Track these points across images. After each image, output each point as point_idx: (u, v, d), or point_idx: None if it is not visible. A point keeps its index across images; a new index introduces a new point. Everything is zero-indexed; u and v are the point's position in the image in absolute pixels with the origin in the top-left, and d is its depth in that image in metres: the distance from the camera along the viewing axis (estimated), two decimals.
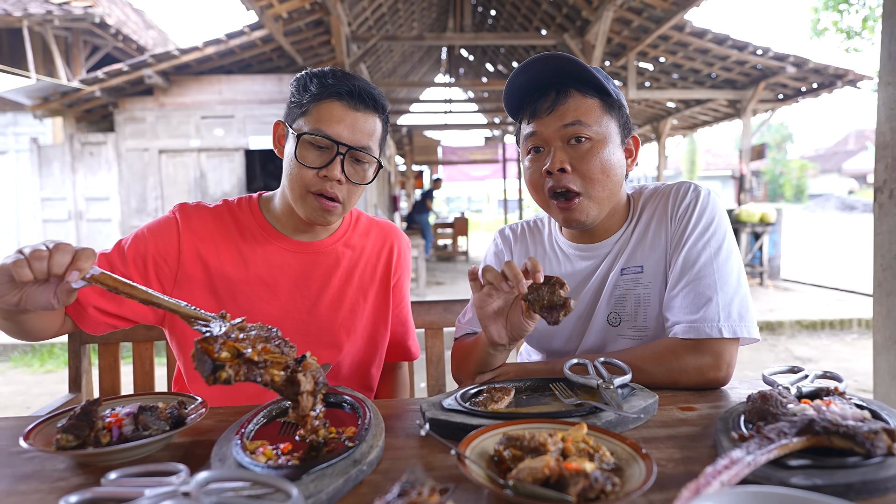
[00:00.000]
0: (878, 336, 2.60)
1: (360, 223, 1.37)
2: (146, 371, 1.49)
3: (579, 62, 1.11)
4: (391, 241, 1.39)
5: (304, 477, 0.69)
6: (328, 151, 1.14)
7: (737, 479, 0.61)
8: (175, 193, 7.39)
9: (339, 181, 1.14)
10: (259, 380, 0.72)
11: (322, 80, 1.15)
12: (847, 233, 18.00)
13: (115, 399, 0.93)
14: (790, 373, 1.02)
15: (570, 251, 1.30)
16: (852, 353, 5.07)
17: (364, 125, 1.15)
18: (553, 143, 1.14)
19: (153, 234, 1.19)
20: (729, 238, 1.16)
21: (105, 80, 6.85)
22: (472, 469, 0.68)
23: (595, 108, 1.14)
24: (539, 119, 1.15)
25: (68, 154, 7.38)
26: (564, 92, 1.14)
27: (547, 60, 1.12)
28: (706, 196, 1.18)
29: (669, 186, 1.24)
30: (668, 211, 1.20)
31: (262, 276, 1.23)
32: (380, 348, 1.38)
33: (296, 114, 1.17)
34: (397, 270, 1.39)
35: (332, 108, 1.13)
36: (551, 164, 1.13)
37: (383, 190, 12.88)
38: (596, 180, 1.13)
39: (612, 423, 0.87)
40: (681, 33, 7.57)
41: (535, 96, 1.16)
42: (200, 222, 1.22)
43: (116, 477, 0.69)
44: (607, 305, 1.23)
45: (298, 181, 1.14)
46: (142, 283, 1.16)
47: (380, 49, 9.48)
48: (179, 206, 1.25)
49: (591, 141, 1.13)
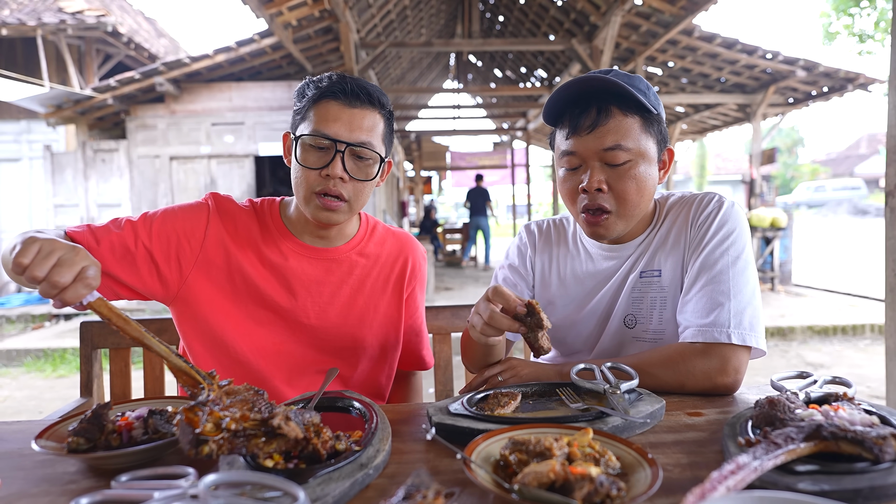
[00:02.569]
0: (891, 342, 2.56)
1: (376, 232, 1.37)
2: (156, 376, 1.51)
3: (632, 80, 1.13)
4: (406, 253, 1.38)
5: (310, 480, 0.69)
6: (328, 151, 1.14)
7: (743, 484, 0.61)
8: (186, 199, 7.44)
9: (341, 178, 1.14)
10: (244, 451, 0.70)
11: (318, 83, 1.17)
12: (860, 237, 17.80)
13: (125, 403, 0.95)
14: (799, 378, 1.01)
15: (593, 251, 1.31)
16: (865, 358, 5.00)
17: (362, 121, 1.16)
18: (591, 163, 1.14)
19: (184, 212, 1.22)
20: (748, 251, 1.16)
21: (117, 88, 6.93)
22: (477, 473, 0.68)
23: (635, 128, 1.13)
24: (578, 137, 1.14)
25: (81, 161, 7.47)
26: (606, 110, 1.12)
27: (591, 81, 1.12)
28: (729, 207, 1.19)
29: (694, 195, 1.26)
30: (690, 218, 1.22)
31: (278, 279, 1.24)
32: (390, 358, 1.37)
33: (297, 120, 1.19)
34: (411, 282, 1.39)
35: (327, 107, 1.14)
36: (588, 183, 1.14)
37: (392, 195, 12.93)
38: (630, 200, 1.15)
39: (618, 429, 0.87)
40: (689, 38, 7.55)
41: (576, 111, 1.15)
42: (229, 215, 1.25)
43: (126, 480, 0.70)
44: (625, 307, 1.25)
45: (303, 184, 1.16)
46: (162, 259, 1.17)
47: (388, 55, 9.54)
48: (212, 193, 1.28)
49: (629, 162, 1.13)
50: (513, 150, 16.96)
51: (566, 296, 1.33)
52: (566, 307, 1.33)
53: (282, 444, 0.72)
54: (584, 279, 1.32)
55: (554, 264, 1.37)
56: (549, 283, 1.36)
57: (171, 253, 1.19)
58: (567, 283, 1.34)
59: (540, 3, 8.35)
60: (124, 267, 1.15)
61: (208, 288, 1.21)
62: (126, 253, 1.15)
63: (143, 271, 1.17)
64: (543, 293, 1.37)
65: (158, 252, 1.18)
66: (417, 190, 19.61)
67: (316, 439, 0.75)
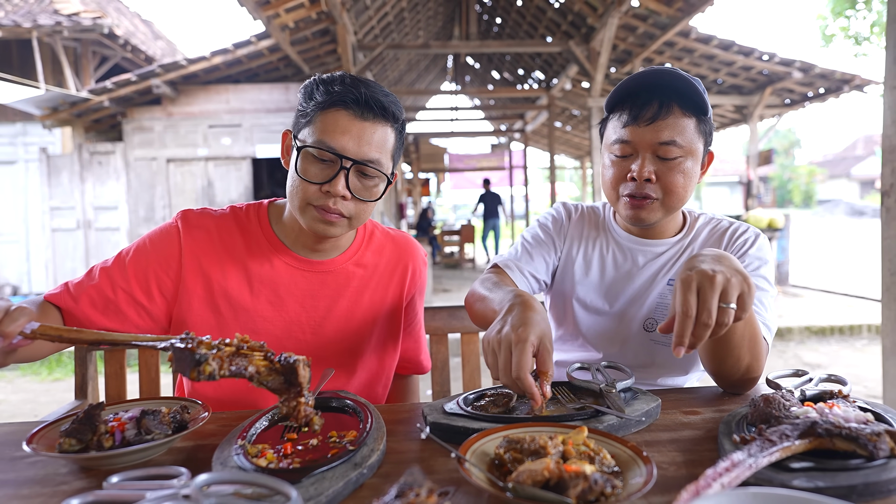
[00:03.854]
0: (887, 341, 2.57)
1: (373, 239, 1.29)
2: (151, 378, 1.49)
3: (692, 83, 1.14)
4: (406, 260, 1.31)
5: (304, 480, 0.69)
6: (332, 165, 1.05)
7: (737, 481, 0.61)
8: (183, 202, 7.44)
9: (343, 197, 1.06)
10: (245, 372, 0.71)
11: (328, 86, 1.06)
12: (856, 238, 17.84)
13: (118, 404, 0.94)
14: (794, 376, 1.01)
15: (624, 241, 1.33)
16: (862, 358, 5.01)
17: (372, 136, 1.07)
18: (644, 153, 1.17)
19: (154, 243, 1.15)
20: (773, 279, 1.22)
21: (113, 90, 6.92)
22: (472, 472, 0.68)
23: (690, 128, 1.16)
24: (637, 127, 1.16)
25: (77, 163, 7.46)
26: (667, 106, 1.15)
27: (662, 74, 1.16)
28: (764, 239, 1.27)
29: (730, 221, 1.33)
30: (725, 240, 1.27)
31: (267, 296, 1.17)
32: (387, 368, 1.34)
33: (301, 124, 1.10)
34: (411, 289, 1.33)
35: (336, 117, 1.05)
36: (639, 171, 1.16)
37: (390, 197, 12.91)
38: (675, 193, 1.17)
39: (614, 427, 0.86)
40: (686, 39, 7.57)
41: (639, 102, 1.17)
42: (203, 232, 1.16)
43: (118, 480, 0.69)
44: (648, 311, 1.28)
45: (301, 195, 1.07)
46: (144, 298, 1.13)
47: (386, 57, 9.55)
48: (182, 213, 1.18)
49: (679, 158, 1.16)
50: (510, 152, 16.96)
51: (587, 279, 1.34)
52: (586, 290, 1.33)
53: (276, 381, 0.74)
54: (608, 267, 1.33)
55: (583, 245, 1.37)
56: (573, 262, 1.36)
57: (151, 289, 1.13)
58: (592, 268, 1.34)
59: (537, 6, 8.36)
60: (111, 317, 1.11)
61: (193, 316, 1.15)
62: (108, 303, 1.11)
63: (130, 315, 1.12)
64: (566, 271, 1.37)
65: (139, 292, 1.12)
66: (415, 192, 19.59)
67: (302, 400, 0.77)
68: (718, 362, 1.04)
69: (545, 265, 1.36)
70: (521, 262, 1.33)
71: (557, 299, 1.40)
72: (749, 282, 0.84)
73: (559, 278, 1.38)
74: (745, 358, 1.01)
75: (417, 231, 13.48)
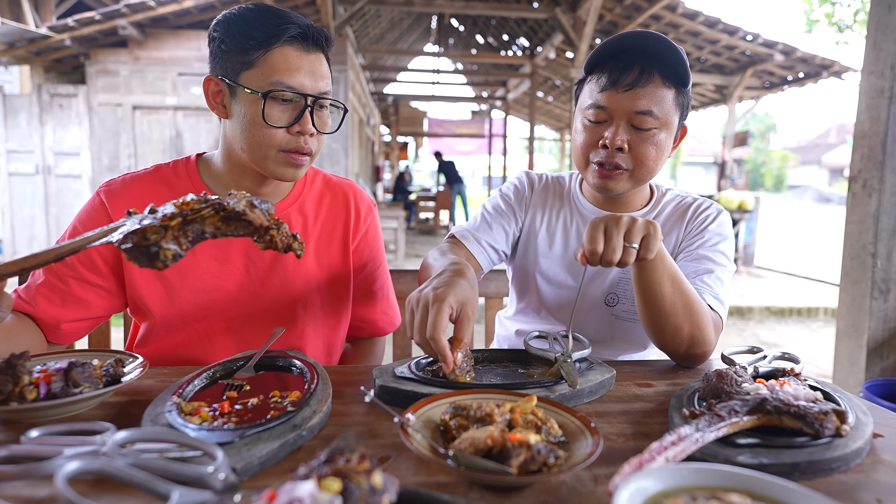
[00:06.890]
0: (842, 323, 2.64)
1: (314, 185, 1.26)
2: (101, 329, 1.43)
3: (676, 51, 1.09)
4: (348, 203, 1.27)
5: (237, 440, 0.65)
6: (295, 104, 1.03)
7: (682, 455, 0.59)
8: (149, 152, 7.17)
9: (311, 134, 1.06)
10: (206, 234, 0.67)
11: (262, 22, 1.01)
12: (822, 224, 18.35)
13: (46, 355, 0.88)
14: (749, 353, 1.01)
15: (588, 214, 1.31)
16: (817, 339, 5.19)
17: (320, 68, 1.06)
18: (619, 120, 1.13)
19: (84, 225, 1.09)
20: (732, 256, 1.22)
21: (76, 29, 6.54)
22: (413, 438, 0.65)
23: (668, 99, 1.13)
24: (614, 92, 1.11)
25: (36, 105, 7.07)
26: (648, 73, 1.10)
27: (647, 38, 1.09)
28: (726, 216, 1.26)
29: (694, 198, 1.31)
30: (688, 215, 1.26)
31: (211, 251, 1.12)
32: (342, 320, 1.29)
33: (238, 67, 1.02)
34: (355, 233, 1.27)
35: (285, 54, 1.01)
36: (611, 139, 1.12)
37: (366, 159, 12.70)
38: (645, 164, 1.15)
39: (565, 397, 0.85)
40: (673, 14, 7.50)
41: (619, 65, 1.12)
42: (129, 199, 1.10)
43: (38, 435, 0.65)
44: (609, 285, 1.27)
45: (268, 142, 1.03)
46: (95, 277, 1.08)
47: (367, 13, 9.22)
48: (105, 185, 1.12)
49: (654, 129, 1.13)
50: (491, 120, 16.78)
51: (551, 252, 1.32)
52: (549, 263, 1.31)
53: (240, 229, 0.71)
54: (572, 240, 1.31)
55: (546, 216, 1.34)
56: (536, 234, 1.33)
57: (97, 264, 1.09)
58: (555, 239, 1.32)
59: None
60: (72, 307, 1.07)
61: (141, 287, 1.10)
62: (64, 295, 1.07)
63: (91, 299, 1.08)
64: (529, 243, 1.34)
65: (87, 273, 1.08)
66: (393, 155, 19.31)
67: (275, 231, 0.74)
68: (658, 332, 1.04)
69: (505, 235, 1.33)
70: (479, 231, 1.31)
71: (520, 272, 1.37)
72: (655, 227, 0.90)
73: (521, 250, 1.36)
74: (683, 327, 1.01)
75: (394, 195, 13.31)
